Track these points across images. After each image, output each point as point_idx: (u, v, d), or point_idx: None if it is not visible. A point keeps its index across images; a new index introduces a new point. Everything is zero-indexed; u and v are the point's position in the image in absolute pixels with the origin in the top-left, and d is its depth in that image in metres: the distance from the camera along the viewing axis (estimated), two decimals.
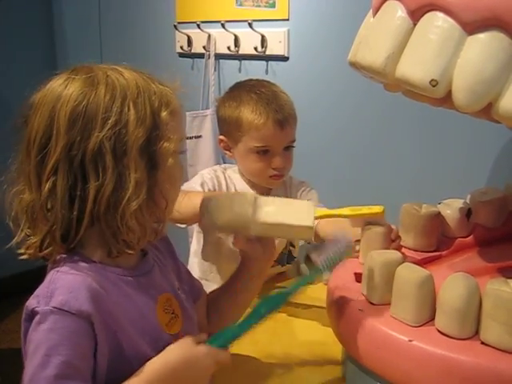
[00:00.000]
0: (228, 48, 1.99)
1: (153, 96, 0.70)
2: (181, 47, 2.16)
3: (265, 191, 1.26)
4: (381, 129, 1.72)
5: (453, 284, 0.73)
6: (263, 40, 1.91)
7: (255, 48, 1.92)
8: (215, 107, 1.34)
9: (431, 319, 0.75)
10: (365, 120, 1.75)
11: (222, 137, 1.27)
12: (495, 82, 0.67)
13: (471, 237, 1.01)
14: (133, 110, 0.67)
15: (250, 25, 1.87)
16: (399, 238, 0.97)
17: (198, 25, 2.03)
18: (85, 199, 0.66)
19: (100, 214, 0.67)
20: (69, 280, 0.65)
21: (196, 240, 1.35)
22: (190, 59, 2.18)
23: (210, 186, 1.20)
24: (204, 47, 2.07)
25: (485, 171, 1.53)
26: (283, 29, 1.87)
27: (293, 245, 1.34)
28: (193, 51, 2.14)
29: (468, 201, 1.05)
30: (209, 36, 2.04)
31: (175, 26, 2.12)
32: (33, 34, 2.62)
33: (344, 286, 0.88)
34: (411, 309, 0.75)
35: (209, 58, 2.06)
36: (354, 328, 0.79)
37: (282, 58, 1.91)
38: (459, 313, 0.71)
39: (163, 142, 0.70)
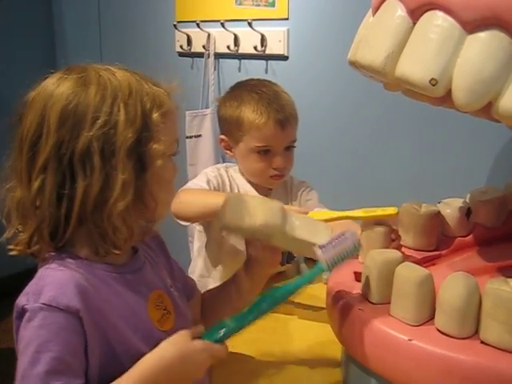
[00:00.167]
0: (228, 47, 1.99)
1: (145, 97, 0.70)
2: (180, 46, 2.16)
3: (265, 191, 1.26)
4: (381, 128, 1.72)
5: (452, 283, 0.73)
6: (263, 39, 1.91)
7: (255, 47, 1.92)
8: (215, 106, 1.34)
9: (431, 318, 0.75)
10: (364, 119, 1.75)
11: (223, 136, 1.26)
12: (495, 81, 0.67)
13: (471, 236, 1.01)
14: (123, 111, 0.67)
15: (250, 24, 1.87)
16: (399, 238, 0.97)
17: (198, 24, 2.03)
18: (73, 198, 0.66)
19: (87, 214, 0.67)
20: (58, 276, 0.65)
21: (197, 238, 1.35)
22: (190, 58, 2.18)
23: (215, 184, 1.20)
24: (204, 46, 2.07)
25: (485, 170, 1.53)
26: (283, 28, 1.87)
27: None
28: (192, 50, 2.13)
29: (468, 200, 1.05)
30: (208, 35, 2.04)
31: (175, 26, 2.11)
32: (33, 34, 2.62)
33: (344, 286, 0.87)
34: (411, 308, 0.75)
35: (208, 58, 2.06)
36: (354, 327, 0.79)
37: (282, 58, 1.90)
38: (459, 312, 0.71)
39: (153, 144, 0.69)
